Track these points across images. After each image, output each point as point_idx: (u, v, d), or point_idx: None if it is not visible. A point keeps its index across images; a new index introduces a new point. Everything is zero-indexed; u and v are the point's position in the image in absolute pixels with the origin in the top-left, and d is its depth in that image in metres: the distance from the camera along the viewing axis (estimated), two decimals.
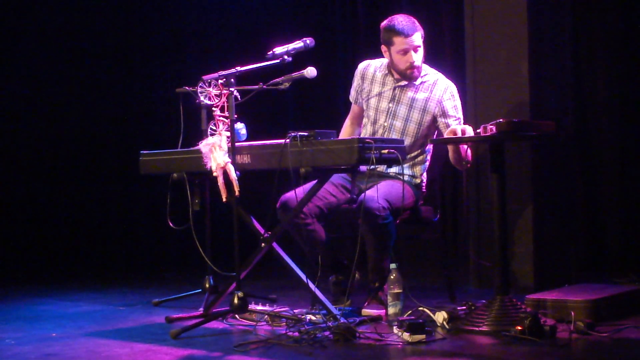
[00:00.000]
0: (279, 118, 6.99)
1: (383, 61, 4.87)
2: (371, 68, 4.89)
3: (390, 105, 4.76)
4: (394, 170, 4.64)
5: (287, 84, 4.39)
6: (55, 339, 4.21)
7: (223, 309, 4.31)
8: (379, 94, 4.80)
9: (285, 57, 4.43)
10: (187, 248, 5.02)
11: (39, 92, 7.33)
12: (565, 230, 5.43)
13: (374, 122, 4.80)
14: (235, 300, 4.07)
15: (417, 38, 4.67)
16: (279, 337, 3.92)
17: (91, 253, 7.35)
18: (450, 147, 4.45)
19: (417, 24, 4.69)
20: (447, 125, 4.66)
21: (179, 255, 7.07)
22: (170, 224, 4.58)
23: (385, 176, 4.68)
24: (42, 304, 5.43)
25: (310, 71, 4.47)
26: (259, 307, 4.38)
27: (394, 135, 4.71)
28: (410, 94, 4.74)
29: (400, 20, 4.68)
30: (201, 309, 4.63)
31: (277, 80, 4.40)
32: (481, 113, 5.31)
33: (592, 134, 5.82)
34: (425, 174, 4.80)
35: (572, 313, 3.89)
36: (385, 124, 4.76)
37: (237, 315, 4.33)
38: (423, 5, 6.60)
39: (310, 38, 4.60)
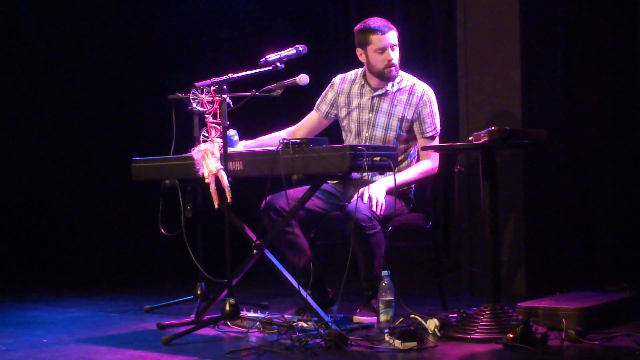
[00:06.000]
0: (271, 125, 6.98)
1: (357, 72, 4.88)
2: (347, 82, 4.89)
3: (370, 115, 4.77)
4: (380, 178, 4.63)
5: (279, 91, 4.40)
6: (47, 345, 4.21)
7: (215, 315, 4.30)
8: (359, 106, 4.81)
9: (278, 64, 4.44)
10: (178, 255, 5.01)
11: (31, 98, 7.32)
12: (556, 237, 5.44)
13: (358, 134, 4.80)
14: (227, 307, 4.08)
15: (393, 36, 4.70)
16: (270, 344, 3.92)
17: (83, 259, 7.33)
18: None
19: (391, 24, 4.72)
20: (422, 133, 4.71)
21: (170, 262, 7.06)
22: (162, 231, 4.57)
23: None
24: (33, 310, 5.42)
25: (303, 78, 4.47)
26: (251, 314, 4.37)
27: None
28: (387, 102, 4.75)
29: (375, 20, 4.72)
30: (193, 315, 4.62)
31: (270, 87, 4.41)
32: (473, 120, 5.32)
33: (583, 142, 5.84)
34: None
35: (564, 321, 3.90)
36: (367, 135, 4.76)
37: (228, 322, 4.33)
38: (416, 13, 6.62)
39: (302, 45, 4.62)
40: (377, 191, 4.44)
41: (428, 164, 4.69)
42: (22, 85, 7.29)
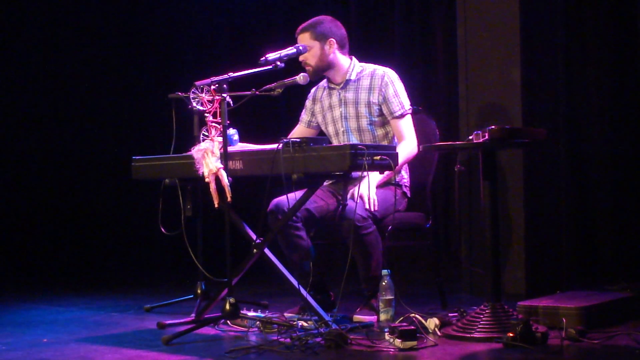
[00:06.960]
0: (271, 124, 6.99)
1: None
2: (319, 89, 4.93)
3: (341, 109, 4.77)
4: None
5: (279, 90, 4.40)
6: (47, 344, 4.20)
7: (215, 315, 4.30)
8: (330, 106, 4.82)
9: (278, 63, 4.44)
10: (179, 254, 5.02)
11: (32, 98, 7.33)
12: (556, 237, 5.44)
13: (336, 134, 4.80)
14: (227, 306, 4.07)
15: (301, 38, 4.74)
16: (270, 343, 3.92)
17: (83, 258, 7.33)
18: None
19: (309, 25, 4.75)
20: (391, 113, 4.67)
21: (170, 261, 7.07)
22: (162, 230, 4.57)
23: None
24: (34, 309, 5.42)
25: (304, 77, 4.47)
26: (251, 313, 4.38)
27: (353, 137, 4.72)
28: (351, 91, 4.75)
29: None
30: (193, 315, 4.62)
31: (270, 86, 4.41)
32: (473, 119, 5.33)
33: (583, 141, 5.84)
34: (404, 173, 4.78)
35: (564, 320, 3.89)
36: (343, 129, 4.77)
37: (228, 321, 4.33)
38: (415, 12, 6.62)
39: (303, 44, 4.62)
40: (366, 188, 4.43)
41: (405, 145, 4.62)
42: (22, 85, 7.29)
